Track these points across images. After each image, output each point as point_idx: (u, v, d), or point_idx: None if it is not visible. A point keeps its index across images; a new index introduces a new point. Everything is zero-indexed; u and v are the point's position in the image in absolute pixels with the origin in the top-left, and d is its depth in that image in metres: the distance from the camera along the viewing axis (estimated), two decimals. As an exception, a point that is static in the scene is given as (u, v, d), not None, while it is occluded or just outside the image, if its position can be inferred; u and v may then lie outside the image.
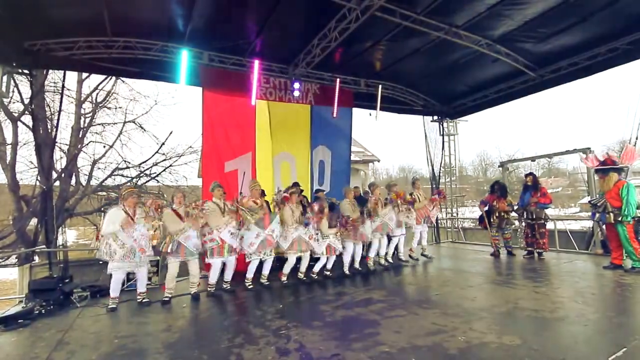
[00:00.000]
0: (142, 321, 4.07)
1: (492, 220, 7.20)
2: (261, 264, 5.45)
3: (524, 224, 7.05)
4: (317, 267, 5.74)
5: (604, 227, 5.90)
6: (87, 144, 11.50)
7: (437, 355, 2.82)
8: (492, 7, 5.66)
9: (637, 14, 5.65)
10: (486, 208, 7.33)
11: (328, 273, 5.86)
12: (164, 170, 12.10)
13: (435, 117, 10.41)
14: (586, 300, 4.02)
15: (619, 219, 5.33)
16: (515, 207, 7.08)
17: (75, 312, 4.53)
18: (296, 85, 7.36)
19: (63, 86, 7.05)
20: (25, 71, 6.15)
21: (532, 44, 6.80)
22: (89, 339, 3.56)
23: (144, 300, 4.72)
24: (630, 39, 6.19)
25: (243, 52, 6.90)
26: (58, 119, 6.61)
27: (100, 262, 4.92)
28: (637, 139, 6.57)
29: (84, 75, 10.93)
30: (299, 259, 5.64)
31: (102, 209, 10.70)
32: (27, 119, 8.78)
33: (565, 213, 27.45)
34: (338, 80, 7.97)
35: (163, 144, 11.93)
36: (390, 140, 77.80)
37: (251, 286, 5.30)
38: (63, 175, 10.14)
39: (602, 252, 6.68)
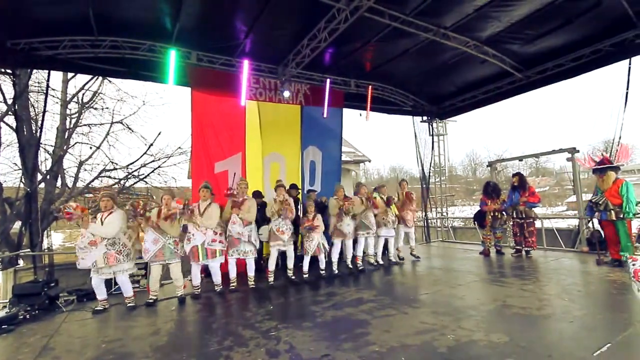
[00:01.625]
0: (129, 325, 4.01)
1: (486, 219, 7.28)
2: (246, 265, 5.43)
3: (512, 223, 7.15)
4: (305, 266, 5.74)
5: (596, 225, 6.01)
6: (73, 145, 11.30)
7: (426, 354, 2.83)
8: (479, 9, 5.72)
9: (620, 16, 5.77)
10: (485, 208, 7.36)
11: (322, 273, 5.87)
12: (153, 171, 11.94)
13: (425, 118, 10.50)
14: (572, 297, 4.09)
15: (621, 215, 5.46)
16: (505, 207, 7.17)
17: (61, 316, 4.44)
18: (286, 85, 7.34)
19: (48, 86, 6.89)
20: (9, 71, 6.01)
21: (519, 45, 6.90)
22: (75, 344, 3.49)
23: (129, 305, 4.66)
24: (614, 40, 6.33)
25: (232, 52, 6.85)
26: (42, 120, 6.47)
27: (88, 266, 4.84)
28: (620, 138, 6.72)
29: (70, 75, 10.74)
30: (284, 256, 5.70)
31: (90, 211, 10.51)
32: (11, 119, 8.59)
33: (552, 212, 27.97)
34: (328, 80, 7.98)
35: (151, 144, 11.77)
36: (381, 141, 78.45)
37: (234, 286, 5.26)
38: (48, 177, 9.94)
39: (587, 250, 6.82)
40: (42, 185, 9.48)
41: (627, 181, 5.62)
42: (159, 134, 16.92)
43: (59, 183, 10.72)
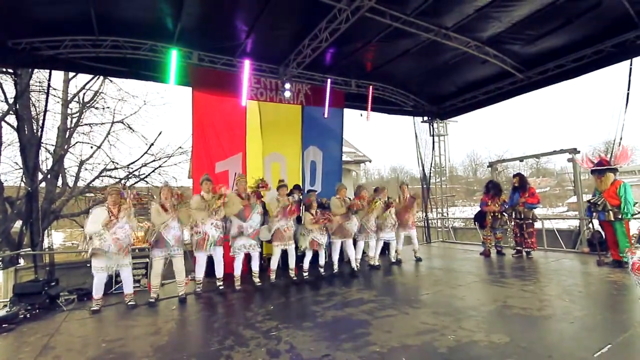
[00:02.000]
0: (130, 324, 4.01)
1: (487, 220, 7.25)
2: (250, 261, 5.42)
3: (512, 223, 7.14)
4: (306, 264, 5.74)
5: (597, 225, 6.01)
6: (74, 145, 11.31)
7: (427, 354, 2.83)
8: (480, 9, 5.72)
9: (621, 16, 5.76)
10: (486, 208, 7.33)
11: (321, 271, 5.88)
12: (153, 171, 11.96)
13: (426, 118, 10.50)
14: (573, 298, 4.09)
15: (619, 216, 5.49)
16: (506, 207, 7.16)
17: (62, 315, 4.45)
18: (287, 85, 7.34)
19: (49, 86, 6.88)
20: (10, 70, 6.01)
21: (520, 45, 6.90)
22: (76, 343, 3.49)
23: (129, 303, 4.66)
24: (615, 41, 6.31)
25: (233, 52, 6.86)
26: (44, 119, 6.50)
27: (88, 265, 4.85)
28: (621, 139, 6.72)
29: (71, 74, 10.75)
30: (285, 255, 5.69)
31: (90, 210, 10.53)
32: (12, 119, 8.60)
33: (553, 212, 27.92)
34: (329, 80, 7.98)
35: (152, 144, 11.78)
36: (382, 141, 78.40)
37: (239, 286, 5.26)
38: (49, 176, 9.95)
39: (588, 251, 6.81)
40: (43, 184, 9.49)
41: (625, 182, 5.64)
42: (160, 133, 16.93)
43: (59, 182, 10.73)
